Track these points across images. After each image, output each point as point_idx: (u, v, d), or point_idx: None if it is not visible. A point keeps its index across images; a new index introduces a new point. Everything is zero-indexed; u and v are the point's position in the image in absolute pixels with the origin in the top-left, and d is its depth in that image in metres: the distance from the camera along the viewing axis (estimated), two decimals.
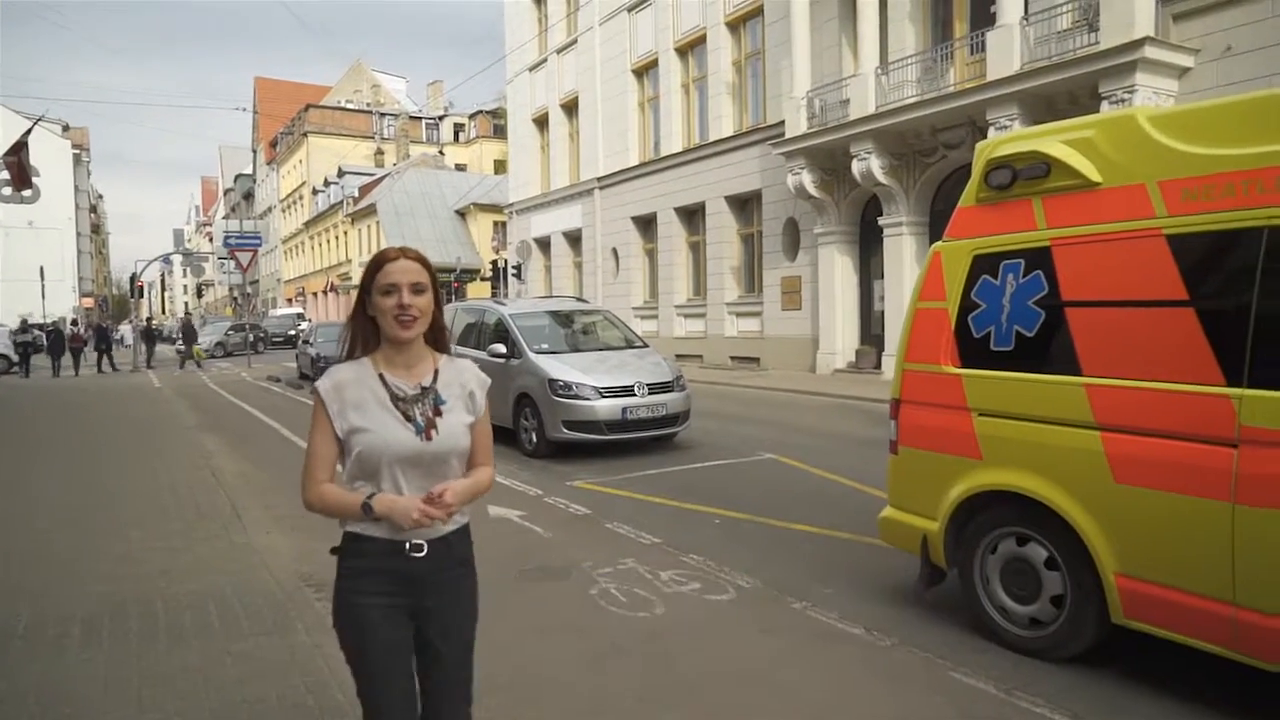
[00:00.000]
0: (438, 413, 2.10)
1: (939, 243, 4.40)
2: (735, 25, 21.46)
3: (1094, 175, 3.68)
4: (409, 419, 2.06)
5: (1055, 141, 3.87)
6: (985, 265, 4.08)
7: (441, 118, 63.57)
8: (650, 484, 7.76)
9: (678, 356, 22.40)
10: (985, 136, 13.48)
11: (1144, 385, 3.39)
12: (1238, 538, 3.07)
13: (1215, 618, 3.17)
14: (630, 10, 24.99)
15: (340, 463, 2.10)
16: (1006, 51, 13.42)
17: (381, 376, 2.10)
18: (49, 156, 51.89)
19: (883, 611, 4.49)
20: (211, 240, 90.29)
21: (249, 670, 3.79)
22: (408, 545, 2.06)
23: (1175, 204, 3.39)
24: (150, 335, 30.16)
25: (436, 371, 2.15)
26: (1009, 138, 4.19)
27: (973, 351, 4.09)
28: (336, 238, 55.15)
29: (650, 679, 3.76)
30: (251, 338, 33.61)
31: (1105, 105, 12.05)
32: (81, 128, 72.21)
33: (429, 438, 2.07)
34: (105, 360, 27.25)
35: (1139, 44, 11.55)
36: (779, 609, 4.57)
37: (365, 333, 2.13)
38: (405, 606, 2.09)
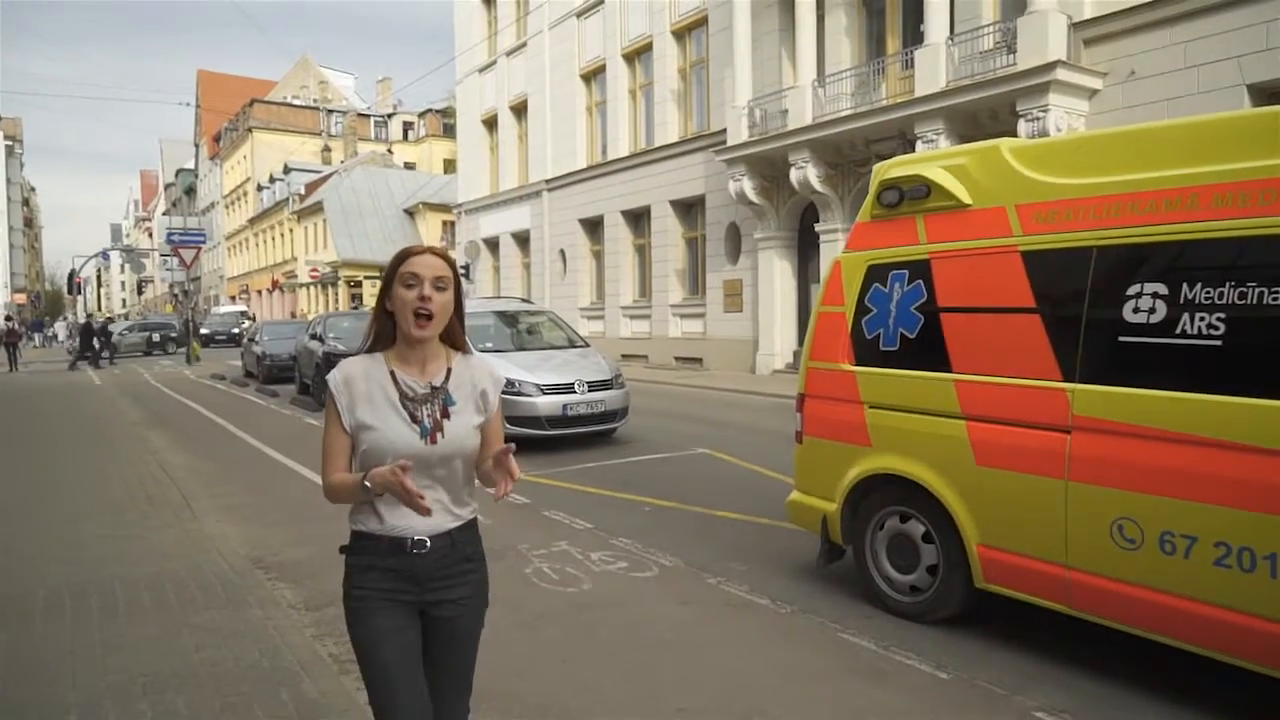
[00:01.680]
0: (445, 414, 2.08)
1: (841, 254, 4.92)
2: (681, 34, 22.01)
3: (965, 197, 4.22)
4: (415, 420, 2.05)
5: (936, 167, 4.40)
6: (877, 275, 4.60)
7: (390, 116, 63.18)
8: (588, 476, 8.20)
9: (623, 357, 22.89)
10: (914, 149, 14.21)
11: (1000, 381, 3.93)
12: (1070, 510, 3.62)
13: (1053, 579, 3.72)
14: (579, 16, 25.39)
15: (355, 456, 2.12)
16: (933, 69, 14.15)
17: (393, 373, 2.08)
18: None
19: (787, 584, 4.99)
20: (151, 236, 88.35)
21: (206, 639, 4.13)
22: (409, 542, 2.06)
23: (1029, 225, 3.93)
24: (105, 331, 29.53)
25: (449, 371, 2.13)
26: (899, 161, 4.72)
27: (865, 351, 4.60)
28: (282, 235, 54.55)
29: (575, 643, 4.19)
30: (157, 337, 32.38)
31: (1022, 123, 12.84)
32: (14, 118, 70.20)
33: (434, 440, 2.05)
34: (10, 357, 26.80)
35: (1052, 66, 12.33)
36: (696, 584, 5.05)
37: (383, 328, 2.11)
38: (412, 603, 2.09)
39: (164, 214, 75.68)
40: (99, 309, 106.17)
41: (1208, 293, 3.26)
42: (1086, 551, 3.58)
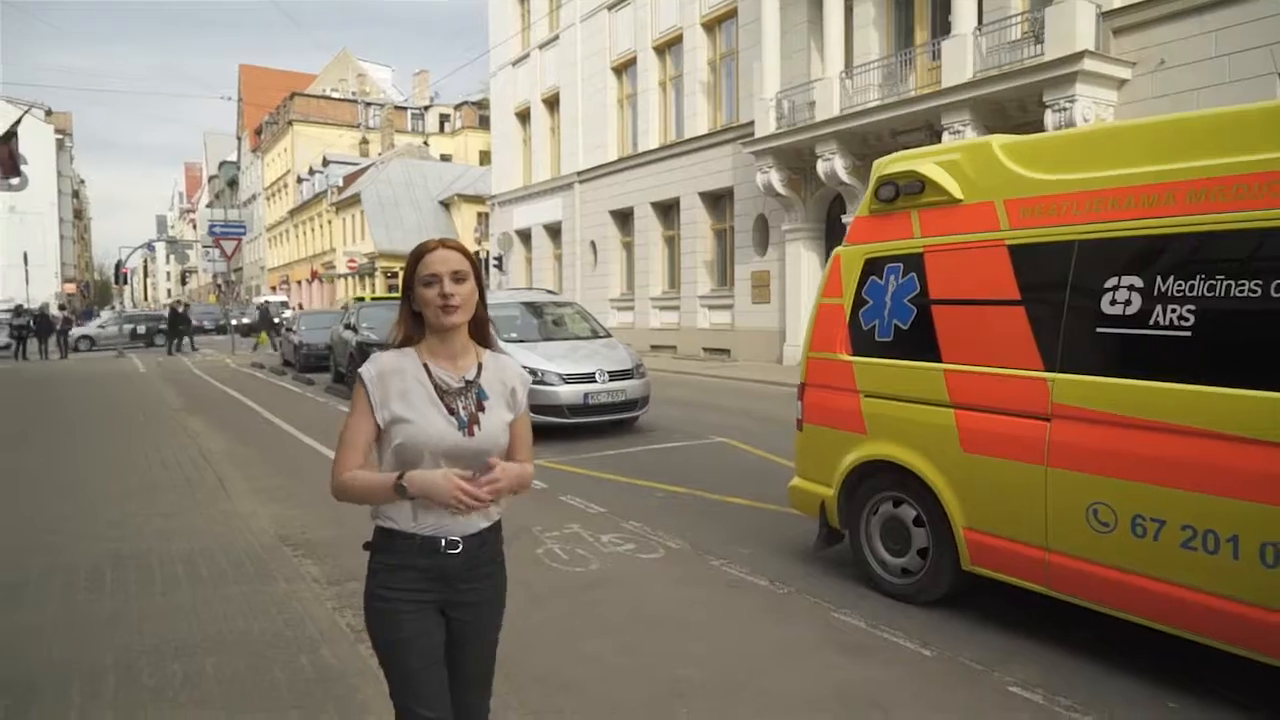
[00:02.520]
0: (480, 408, 2.08)
1: (840, 247, 5.06)
2: (711, 26, 22.07)
3: (957, 193, 4.35)
4: (452, 412, 2.04)
5: (930, 163, 4.53)
6: (874, 268, 4.74)
7: (427, 108, 63.83)
8: (605, 463, 8.42)
9: (652, 347, 23.12)
10: (941, 140, 14.20)
11: (986, 370, 4.07)
12: (1049, 494, 3.76)
13: (1034, 561, 3.86)
14: (610, 9, 25.54)
15: (377, 453, 2.10)
16: (960, 60, 14.11)
17: (426, 367, 2.07)
18: (31, 142, 51.88)
19: (787, 567, 5.16)
20: (195, 227, 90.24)
21: (234, 609, 4.43)
22: (443, 542, 2.04)
23: (1016, 219, 4.06)
24: (185, 319, 30.42)
25: (480, 366, 2.13)
26: (896, 158, 4.85)
27: (862, 341, 4.75)
28: (321, 226, 55.47)
29: (578, 619, 4.41)
30: (142, 329, 31.88)
31: (1049, 114, 12.77)
32: (65, 112, 72.08)
33: (471, 433, 2.04)
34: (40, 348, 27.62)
35: (1079, 56, 12.26)
36: (700, 565, 5.24)
37: (411, 325, 2.11)
38: (437, 603, 2.08)
39: (207, 206, 77.26)
40: (145, 299, 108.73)
41: (1179, 285, 3.38)
42: (1064, 535, 3.72)
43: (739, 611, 4.49)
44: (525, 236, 31.04)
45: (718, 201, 22.11)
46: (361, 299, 19.53)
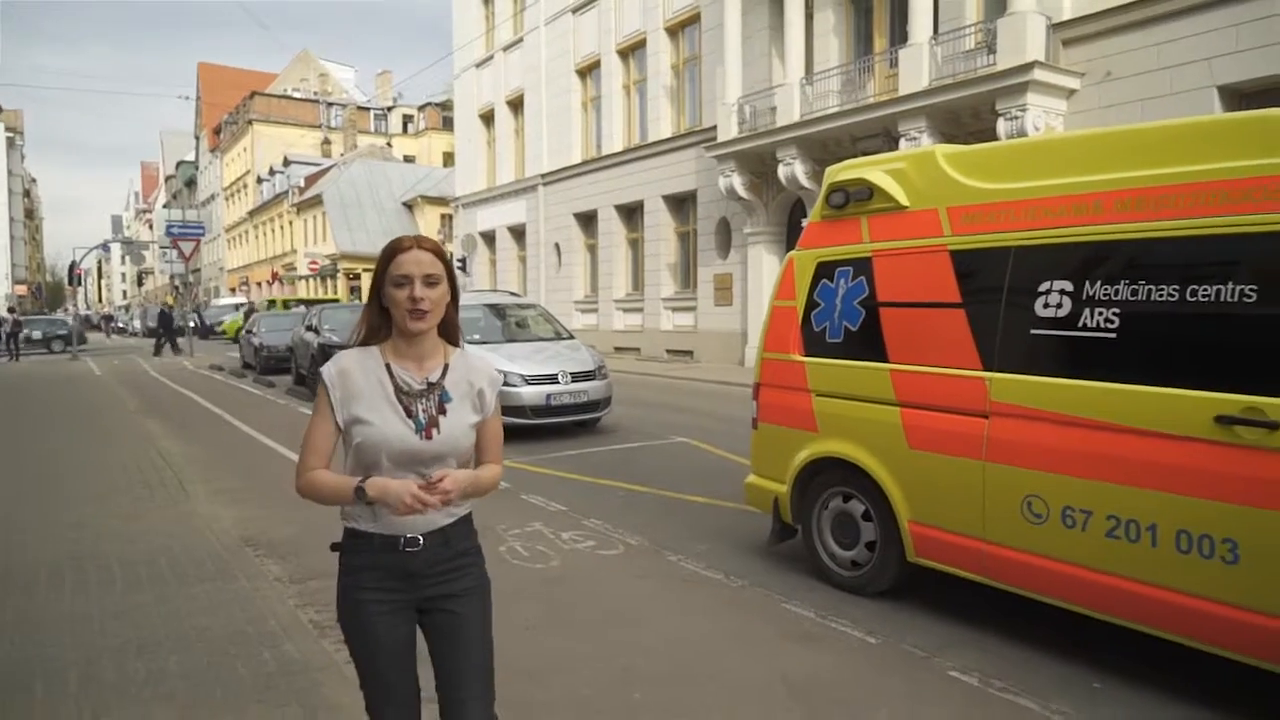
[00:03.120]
0: (441, 411, 2.05)
1: (793, 251, 5.23)
2: (674, 31, 22.27)
3: (903, 199, 4.53)
4: (410, 415, 2.02)
5: (878, 171, 4.71)
6: (825, 271, 4.91)
7: (390, 109, 63.38)
8: (568, 462, 8.53)
9: (616, 349, 23.24)
10: (899, 146, 14.51)
11: (929, 370, 4.25)
12: (987, 488, 3.95)
13: (974, 552, 4.05)
14: (575, 12, 25.65)
15: (343, 452, 2.09)
16: (916, 68, 14.43)
17: (389, 367, 2.05)
18: None
19: (742, 562, 5.32)
20: (152, 227, 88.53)
21: (196, 607, 4.47)
22: (402, 540, 2.04)
23: (957, 226, 4.25)
24: (172, 320, 30.20)
25: (446, 367, 2.10)
26: (846, 165, 5.03)
27: (813, 342, 4.92)
28: (281, 227, 54.84)
29: (538, 613, 4.52)
30: (38, 334, 30.01)
31: (1001, 122, 13.12)
32: (15, 110, 70.42)
33: (429, 436, 2.02)
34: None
35: (1029, 67, 12.61)
36: (657, 561, 5.38)
37: (377, 322, 2.08)
38: (407, 602, 2.08)
39: (164, 206, 75.92)
40: (99, 300, 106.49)
41: (1105, 290, 3.58)
42: (1001, 526, 3.91)
43: (694, 604, 4.63)
44: (490, 238, 31.00)
45: (681, 204, 22.31)
46: (272, 303, 19.28)
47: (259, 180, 58.97)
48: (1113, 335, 3.54)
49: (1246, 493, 3.08)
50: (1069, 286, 3.72)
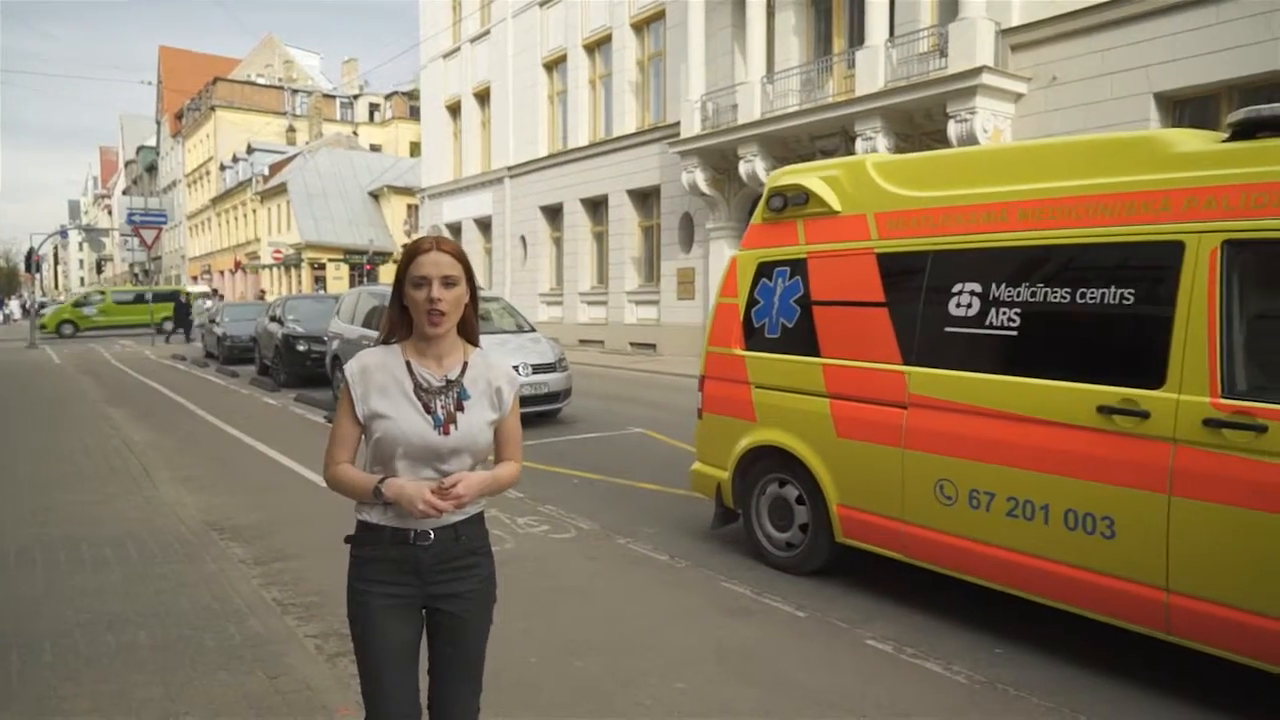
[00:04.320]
0: (459, 408, 2.09)
1: (737, 251, 5.55)
2: (640, 27, 22.51)
3: (836, 205, 4.86)
4: (429, 410, 2.06)
5: (815, 177, 5.03)
6: (765, 271, 5.23)
7: (356, 97, 62.79)
8: (528, 452, 8.71)
9: (580, 342, 23.50)
10: (855, 145, 14.92)
11: (856, 364, 4.59)
12: (905, 473, 4.29)
13: (893, 532, 4.40)
14: (541, 5, 25.78)
15: (367, 444, 2.14)
16: (872, 70, 14.83)
17: (409, 364, 2.10)
18: None
19: (687, 545, 5.64)
20: (111, 213, 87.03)
21: (164, 586, 4.68)
22: (413, 534, 2.07)
23: (884, 230, 4.58)
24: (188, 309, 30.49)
25: (465, 365, 2.14)
26: (786, 171, 5.34)
27: (753, 338, 5.24)
28: (245, 216, 54.23)
29: None
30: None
31: (952, 124, 13.56)
32: None
33: (446, 432, 2.06)
34: None
35: (978, 71, 13.06)
36: (607, 543, 5.68)
37: (398, 321, 2.13)
38: (414, 597, 2.10)
39: (124, 192, 74.70)
40: (55, 287, 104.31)
41: (1008, 291, 3.94)
42: (917, 508, 4.26)
43: (639, 583, 4.95)
44: (455, 230, 31.04)
45: (645, 199, 22.59)
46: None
47: (222, 167, 58.19)
48: (1014, 333, 3.90)
49: (1121, 475, 3.45)
50: (978, 288, 4.07)
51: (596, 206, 24.28)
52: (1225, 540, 3.19)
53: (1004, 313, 3.94)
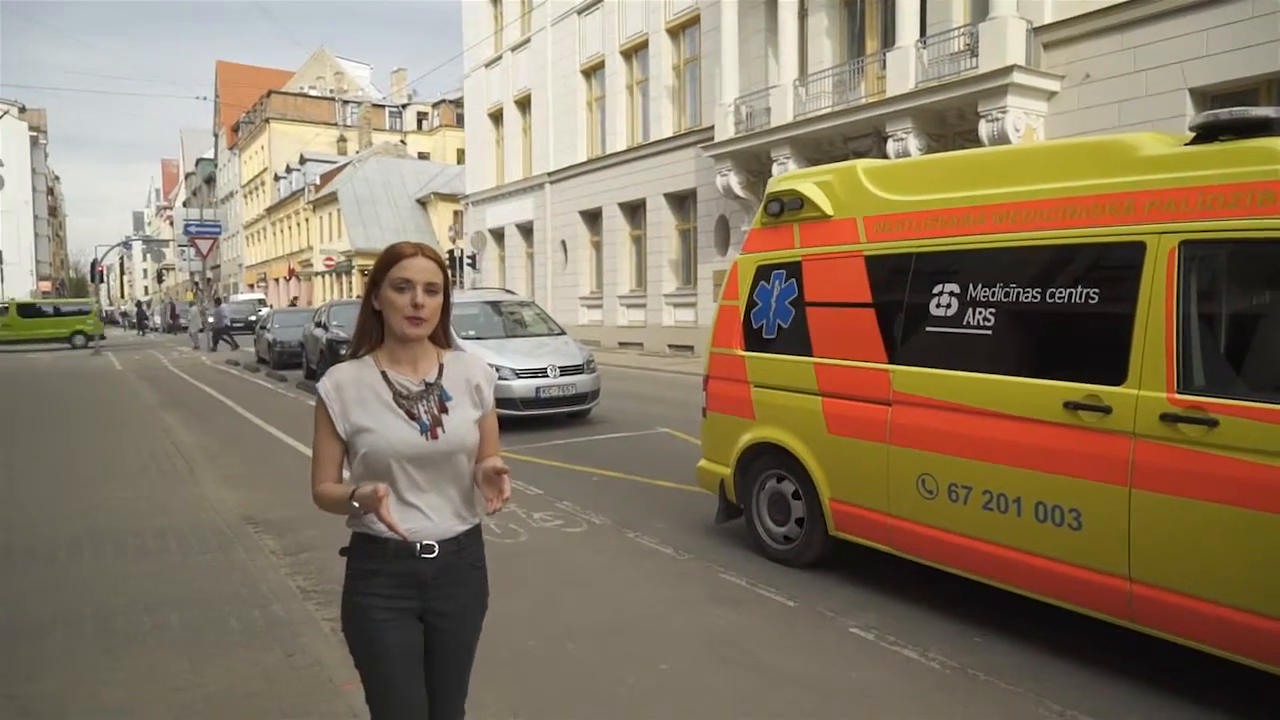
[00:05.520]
0: (443, 409, 2.05)
1: (738, 255, 5.74)
2: (675, 32, 22.74)
3: (829, 209, 5.03)
4: (413, 417, 2.02)
5: (809, 183, 5.21)
6: (763, 274, 5.42)
7: (405, 106, 64.12)
8: (551, 451, 9.07)
9: (620, 344, 23.78)
10: (887, 146, 14.95)
11: (845, 363, 4.75)
12: (890, 468, 4.45)
13: (880, 525, 4.55)
14: (580, 13, 26.16)
15: (347, 463, 2.09)
16: (903, 71, 14.85)
17: (384, 374, 2.05)
18: (5, 139, 51.85)
19: (693, 539, 5.84)
20: (172, 224, 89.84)
21: (198, 574, 5.04)
22: (419, 546, 2.03)
23: (872, 234, 4.74)
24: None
25: (441, 367, 2.11)
26: (784, 178, 5.52)
27: (752, 338, 5.43)
28: (298, 224, 55.73)
29: (498, 581, 4.98)
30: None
31: (983, 124, 13.52)
32: (39, 109, 71.69)
33: (434, 436, 2.02)
34: None
35: (1009, 70, 13.01)
36: (616, 537, 5.91)
37: (369, 326, 2.09)
38: (414, 609, 2.07)
39: (184, 204, 77.16)
40: (121, 296, 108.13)
41: (984, 292, 4.07)
42: (901, 502, 4.41)
43: (640, 574, 5.16)
44: (499, 235, 31.60)
45: (682, 202, 22.79)
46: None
47: (276, 178, 59.90)
48: (990, 332, 4.03)
49: (1087, 468, 3.57)
50: (957, 289, 4.21)
51: (635, 210, 24.55)
52: (1181, 531, 3.29)
53: (980, 312, 4.08)
